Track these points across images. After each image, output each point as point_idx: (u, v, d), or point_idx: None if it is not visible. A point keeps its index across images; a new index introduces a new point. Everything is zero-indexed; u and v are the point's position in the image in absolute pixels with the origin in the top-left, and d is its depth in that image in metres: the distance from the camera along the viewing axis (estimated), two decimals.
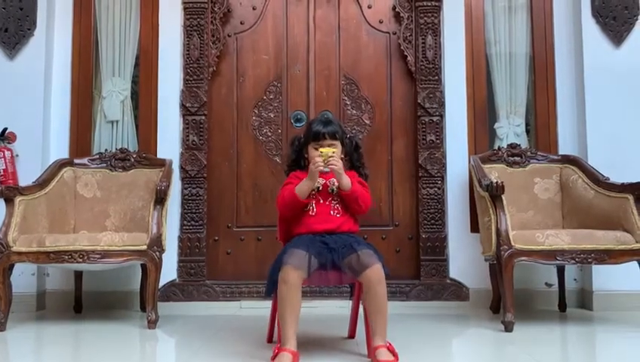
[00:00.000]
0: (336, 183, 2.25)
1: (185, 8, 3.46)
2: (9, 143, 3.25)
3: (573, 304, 3.23)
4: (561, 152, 3.36)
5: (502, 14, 3.56)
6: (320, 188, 2.25)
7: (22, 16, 3.34)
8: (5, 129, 3.24)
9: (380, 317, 2.07)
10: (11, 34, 3.33)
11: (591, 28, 3.32)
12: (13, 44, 3.33)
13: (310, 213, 2.23)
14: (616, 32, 3.31)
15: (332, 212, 2.23)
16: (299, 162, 2.36)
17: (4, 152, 3.20)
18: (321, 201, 2.25)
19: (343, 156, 2.32)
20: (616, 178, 2.93)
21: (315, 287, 3.08)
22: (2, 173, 3.18)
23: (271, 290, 2.16)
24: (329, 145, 2.26)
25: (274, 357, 1.99)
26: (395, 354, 2.01)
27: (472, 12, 3.50)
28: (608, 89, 3.27)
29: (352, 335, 2.46)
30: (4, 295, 2.72)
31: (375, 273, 2.05)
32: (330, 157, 2.15)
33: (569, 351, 2.56)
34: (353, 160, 2.35)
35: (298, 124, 3.47)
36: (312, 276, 2.09)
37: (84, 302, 3.21)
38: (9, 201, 2.80)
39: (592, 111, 3.28)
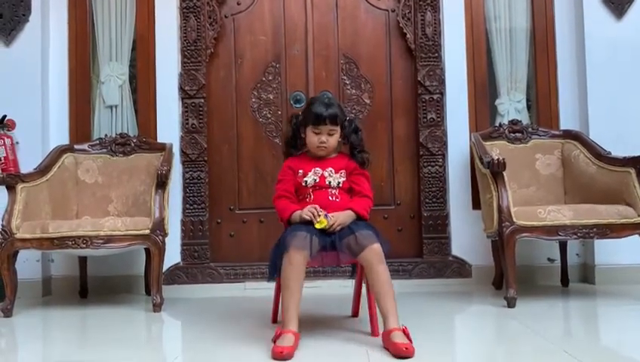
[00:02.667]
0: (333, 176, 2.23)
1: None
2: (9, 130, 3.24)
3: (575, 279, 3.25)
4: (562, 127, 3.34)
5: None
6: (317, 180, 2.23)
7: (16, 1, 3.31)
8: (4, 116, 3.24)
9: (387, 297, 2.02)
10: (6, 20, 3.30)
11: (591, 1, 3.28)
12: (8, 31, 3.30)
13: (307, 200, 2.21)
14: (618, 5, 3.27)
15: (330, 197, 2.21)
16: (296, 140, 2.33)
17: (4, 140, 3.20)
18: (319, 189, 2.23)
19: (340, 139, 2.30)
20: (618, 152, 2.93)
21: (318, 267, 3.09)
22: (3, 161, 3.18)
23: (273, 274, 2.16)
24: (329, 132, 2.22)
25: (276, 339, 2.00)
26: (409, 338, 1.94)
27: None
28: (610, 63, 3.24)
29: (355, 314, 2.48)
30: (9, 281, 2.74)
31: (373, 253, 2.04)
32: (331, 225, 2.08)
33: (572, 325, 2.58)
34: (352, 143, 2.30)
35: (298, 105, 3.45)
36: (313, 258, 2.09)
37: (89, 286, 3.23)
38: (11, 189, 2.81)
39: (593, 86, 3.26)
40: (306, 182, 2.24)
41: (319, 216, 2.09)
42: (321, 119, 2.20)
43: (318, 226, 2.08)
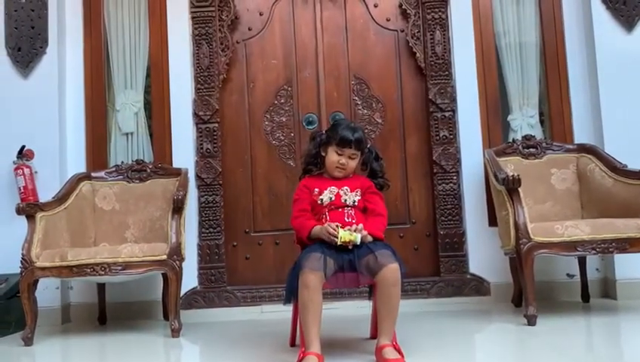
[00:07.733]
0: (349, 195, 2.26)
1: (193, 18, 3.48)
2: (27, 160, 3.30)
3: (596, 294, 3.20)
4: (576, 141, 3.32)
5: (510, 4, 3.53)
6: (333, 198, 2.26)
7: (34, 34, 3.40)
8: (23, 147, 3.30)
9: (390, 318, 2.08)
10: (24, 53, 3.38)
11: (601, 14, 3.28)
12: (26, 63, 3.38)
13: (323, 220, 2.23)
14: (628, 17, 3.26)
15: (347, 218, 2.23)
16: (317, 158, 2.36)
17: (23, 170, 3.25)
18: (334, 209, 2.25)
19: (359, 164, 2.34)
20: (634, 165, 2.90)
21: (335, 289, 3.08)
22: (22, 190, 3.23)
23: (290, 298, 2.17)
24: (351, 155, 2.27)
25: (299, 361, 1.99)
26: (401, 353, 2.01)
27: (479, 4, 3.48)
28: (621, 75, 3.23)
29: (374, 335, 2.46)
30: (29, 310, 2.77)
31: (391, 273, 2.05)
32: (350, 241, 2.08)
33: (594, 341, 2.54)
34: (374, 169, 2.36)
35: (310, 127, 3.47)
36: (330, 279, 2.10)
37: (108, 313, 3.25)
38: (30, 218, 2.85)
39: (606, 98, 3.24)
40: (322, 200, 2.26)
41: (347, 230, 2.08)
42: (347, 142, 2.25)
43: (350, 238, 2.06)
